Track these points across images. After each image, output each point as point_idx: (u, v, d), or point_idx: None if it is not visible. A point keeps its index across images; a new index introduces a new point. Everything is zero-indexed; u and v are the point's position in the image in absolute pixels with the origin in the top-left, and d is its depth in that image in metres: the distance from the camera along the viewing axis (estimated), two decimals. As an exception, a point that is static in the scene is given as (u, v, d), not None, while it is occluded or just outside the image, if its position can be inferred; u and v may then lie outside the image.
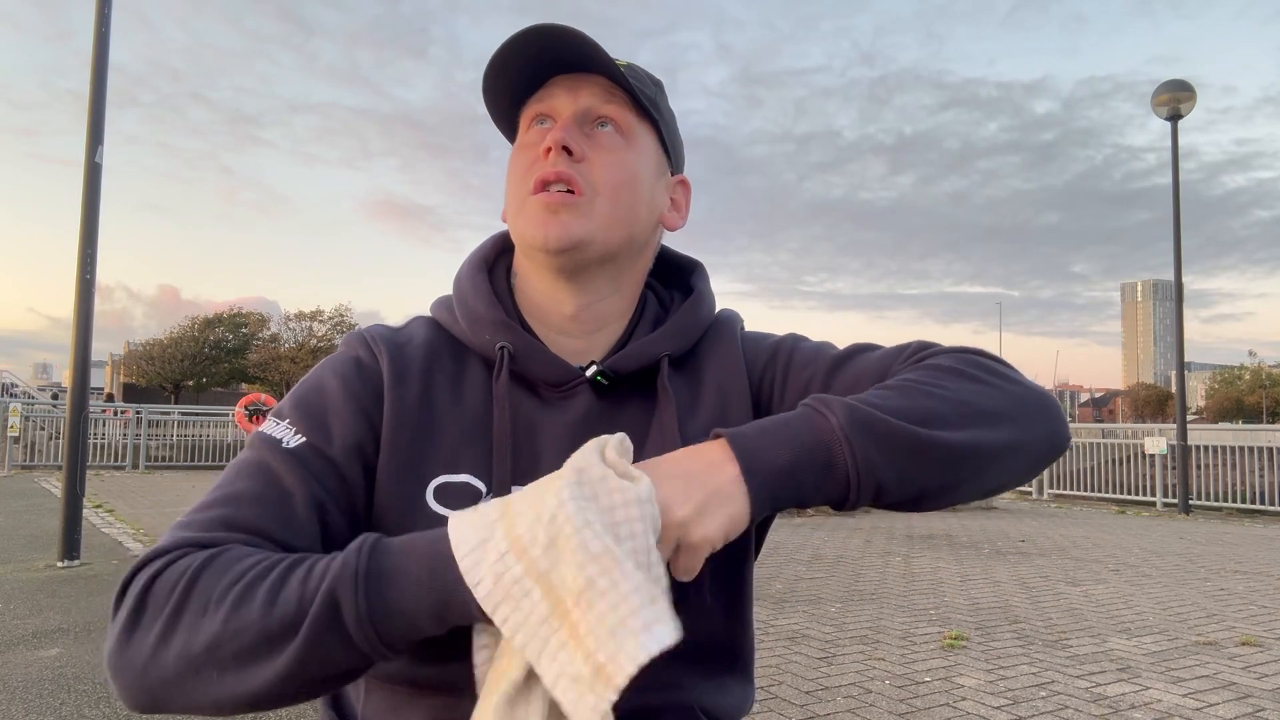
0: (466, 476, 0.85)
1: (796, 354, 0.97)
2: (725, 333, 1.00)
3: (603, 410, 0.91)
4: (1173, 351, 14.34)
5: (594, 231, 0.87)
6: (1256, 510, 11.64)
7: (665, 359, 0.93)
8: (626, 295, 0.96)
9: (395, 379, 0.88)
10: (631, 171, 0.89)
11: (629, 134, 0.90)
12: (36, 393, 30.13)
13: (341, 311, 53.61)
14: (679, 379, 0.95)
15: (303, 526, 0.78)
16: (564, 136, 0.86)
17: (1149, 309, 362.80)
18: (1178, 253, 12.30)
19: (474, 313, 0.92)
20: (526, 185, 0.88)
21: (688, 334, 0.96)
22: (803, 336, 1.02)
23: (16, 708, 3.43)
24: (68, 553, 6.34)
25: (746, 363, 0.97)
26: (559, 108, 0.89)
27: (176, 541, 0.73)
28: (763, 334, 1.03)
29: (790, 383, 0.94)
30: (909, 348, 0.90)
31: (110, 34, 6.68)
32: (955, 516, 10.54)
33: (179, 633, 0.66)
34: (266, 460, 0.81)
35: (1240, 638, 4.78)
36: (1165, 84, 12.28)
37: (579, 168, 0.87)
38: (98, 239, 6.58)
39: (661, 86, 0.96)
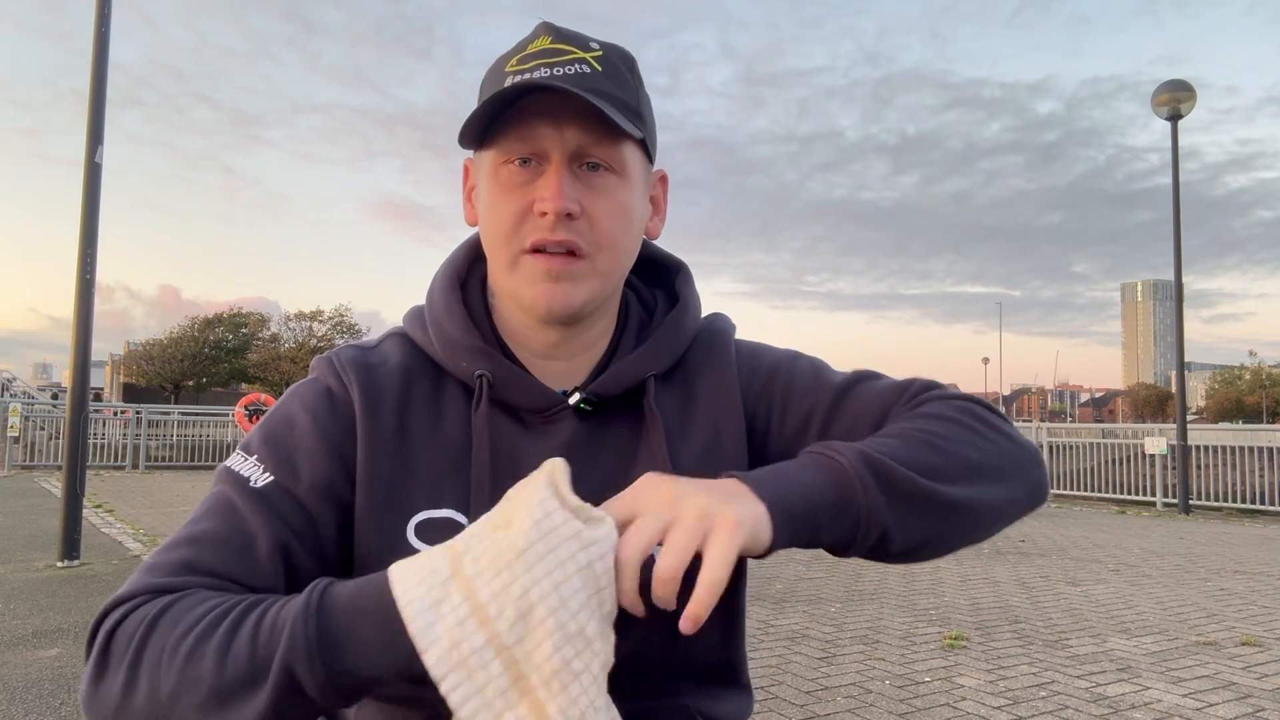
0: (449, 511, 0.82)
1: (796, 380, 0.93)
2: (718, 346, 0.95)
3: (588, 435, 0.87)
4: (1173, 351, 14.35)
5: (594, 291, 0.84)
6: (1256, 510, 11.64)
7: (651, 379, 0.89)
8: (609, 312, 0.93)
9: (368, 410, 0.84)
10: (628, 212, 0.85)
11: (620, 168, 0.84)
12: (36, 393, 30.12)
13: (341, 311, 53.64)
14: (667, 396, 0.91)
15: (266, 569, 0.77)
16: (564, 204, 0.79)
17: (1149, 309, 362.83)
18: (1178, 253, 12.30)
19: (449, 338, 0.88)
20: (520, 241, 0.82)
21: (673, 349, 0.92)
22: (798, 355, 0.98)
23: (16, 708, 3.43)
24: (68, 553, 6.34)
25: (741, 381, 0.93)
26: (545, 148, 0.81)
27: (139, 587, 0.73)
28: (757, 348, 0.98)
29: (790, 411, 0.92)
30: (910, 388, 0.89)
31: (110, 34, 6.67)
32: (955, 516, 10.54)
33: (141, 682, 0.67)
34: (233, 500, 0.79)
35: (1240, 638, 4.78)
36: (1165, 84, 12.27)
37: (577, 226, 0.81)
38: (98, 239, 6.58)
39: (635, 68, 0.87)
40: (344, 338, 53.07)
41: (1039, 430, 14.63)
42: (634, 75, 0.86)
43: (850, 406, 0.90)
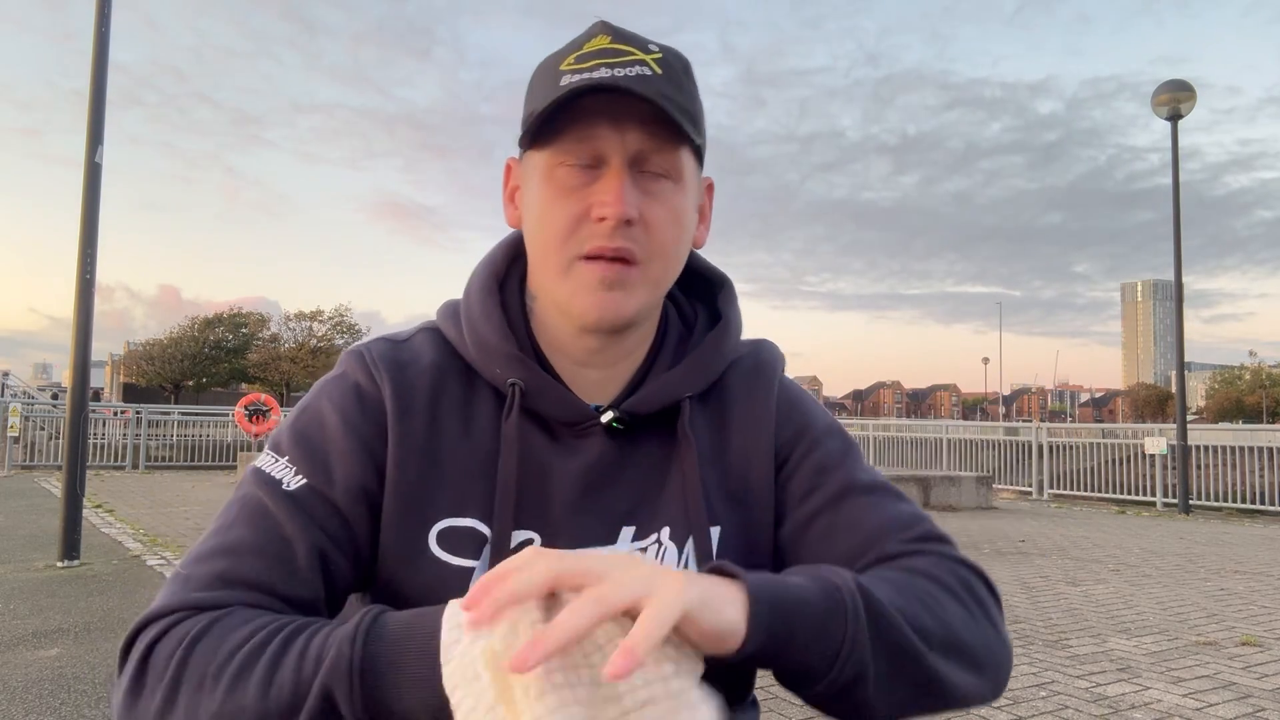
0: (471, 521, 0.80)
1: (822, 450, 0.90)
2: (763, 377, 0.93)
3: (617, 453, 0.85)
4: (1173, 351, 14.34)
5: (645, 300, 0.82)
6: (1256, 510, 11.64)
7: (687, 400, 0.87)
8: (651, 321, 0.90)
9: (400, 411, 0.82)
10: (682, 220, 0.82)
11: (677, 174, 0.81)
12: (36, 392, 30.14)
13: (341, 311, 53.68)
14: (700, 418, 0.89)
15: (305, 577, 0.75)
16: (626, 210, 0.76)
17: (1149, 309, 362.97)
18: (1178, 253, 12.30)
19: (485, 342, 0.85)
20: (576, 246, 0.79)
21: (711, 370, 0.90)
22: (838, 429, 0.94)
23: (16, 708, 3.43)
24: (68, 553, 6.34)
25: (777, 421, 0.90)
26: (606, 151, 0.78)
27: (176, 602, 0.72)
28: (801, 396, 0.95)
29: (800, 476, 0.89)
30: (917, 527, 0.86)
31: (110, 34, 6.68)
32: (955, 517, 10.54)
33: (179, 705, 0.66)
34: (266, 504, 0.77)
35: (1240, 638, 4.78)
36: (1165, 84, 12.27)
37: (633, 232, 0.79)
38: (98, 239, 6.58)
39: (690, 72, 0.83)
40: (344, 338, 53.10)
41: (1039, 430, 14.63)
42: (690, 79, 0.83)
43: (854, 507, 0.86)
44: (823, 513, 0.87)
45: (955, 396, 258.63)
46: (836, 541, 0.85)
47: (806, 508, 0.87)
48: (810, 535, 0.87)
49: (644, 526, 0.85)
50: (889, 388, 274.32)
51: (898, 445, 17.68)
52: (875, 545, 0.84)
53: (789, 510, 0.88)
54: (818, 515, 0.87)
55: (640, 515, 0.85)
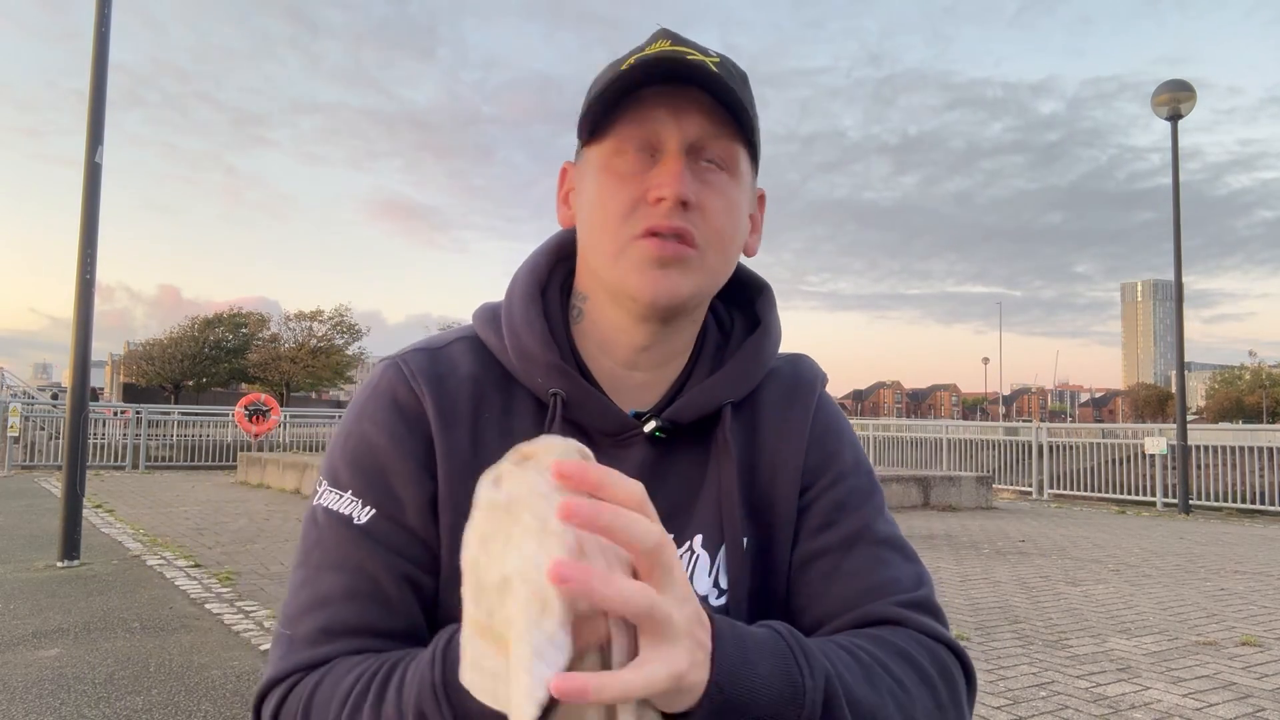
0: None
1: (844, 487, 0.89)
2: (801, 393, 0.91)
3: (657, 461, 0.85)
4: (1173, 351, 14.35)
5: (700, 285, 0.81)
6: (1256, 510, 11.64)
7: (728, 407, 0.86)
8: (697, 325, 0.90)
9: (444, 424, 0.81)
10: (739, 214, 0.82)
11: (734, 168, 0.81)
12: (36, 392, 30.14)
13: (341, 311, 53.65)
14: (735, 426, 0.88)
15: (399, 609, 0.77)
16: (684, 190, 0.76)
17: (1149, 309, 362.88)
18: (1178, 253, 12.30)
19: (527, 352, 0.84)
20: (632, 227, 0.78)
21: (751, 376, 0.89)
22: (867, 468, 0.92)
23: (16, 708, 3.43)
24: (68, 553, 6.34)
25: (809, 445, 0.89)
26: (664, 136, 0.78)
27: (290, 666, 0.76)
28: (838, 422, 0.93)
29: (820, 505, 0.88)
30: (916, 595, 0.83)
31: (110, 33, 6.68)
32: (955, 517, 10.54)
33: None
34: (344, 544, 0.78)
35: (1240, 638, 4.78)
36: (1165, 84, 12.27)
37: (691, 217, 0.78)
38: (98, 239, 6.58)
39: (748, 83, 0.84)
40: (344, 338, 53.10)
41: (1039, 430, 14.63)
42: (748, 88, 0.83)
43: (863, 556, 0.85)
44: (831, 552, 0.85)
45: (955, 396, 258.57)
46: (835, 585, 0.84)
47: (817, 543, 0.86)
48: (813, 572, 0.86)
49: (678, 534, 0.85)
50: (889, 388, 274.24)
51: (898, 445, 17.67)
52: (869, 601, 0.82)
53: (800, 540, 0.87)
54: (825, 553, 0.86)
55: (675, 522, 0.85)
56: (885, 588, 0.83)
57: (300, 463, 12.24)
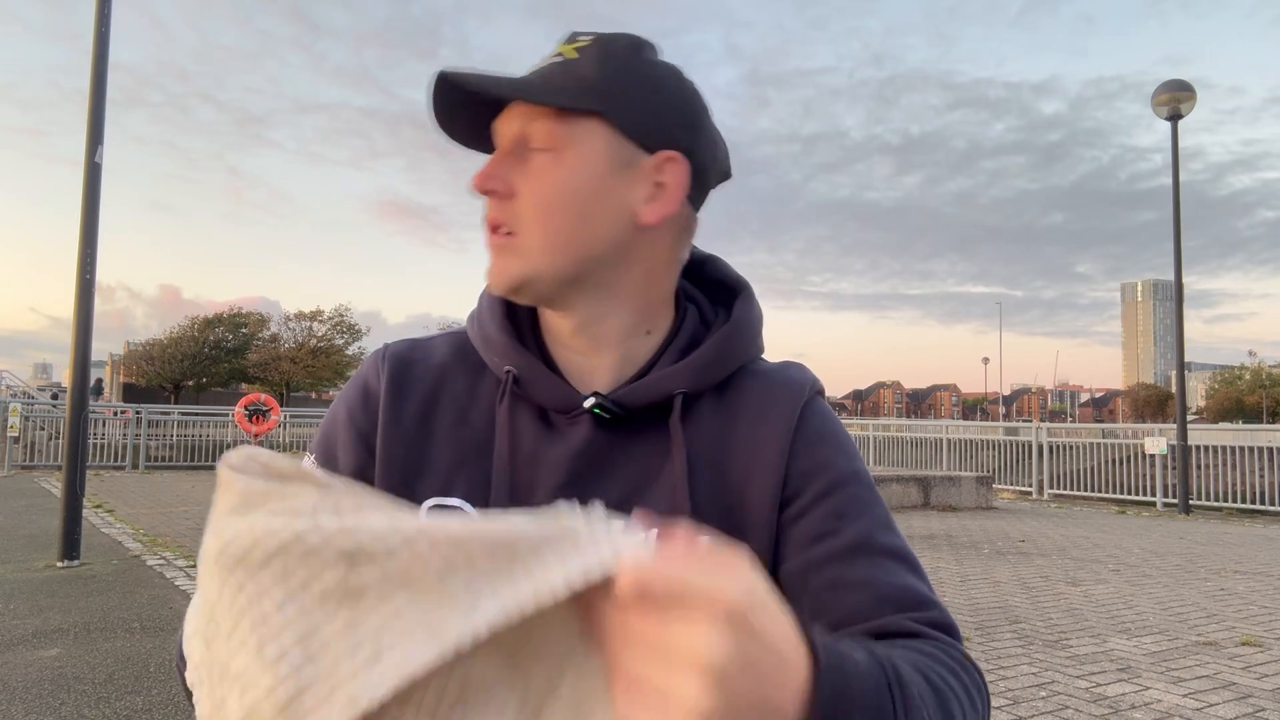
0: (459, 501, 0.84)
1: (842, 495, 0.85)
2: (781, 398, 0.89)
3: (606, 444, 0.85)
4: (1173, 351, 14.35)
5: (532, 267, 0.83)
6: (1256, 510, 11.64)
7: (680, 397, 0.85)
8: (632, 312, 0.88)
9: (391, 398, 0.88)
10: (562, 191, 0.82)
11: (562, 147, 0.82)
12: (36, 392, 30.14)
13: (341, 311, 53.68)
14: (707, 422, 0.87)
15: None
16: (482, 181, 0.83)
17: (1149, 309, 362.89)
18: (1178, 252, 12.30)
19: (486, 334, 0.90)
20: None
21: (711, 370, 0.88)
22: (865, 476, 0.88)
23: (16, 708, 3.43)
24: (68, 553, 6.34)
25: (794, 445, 0.86)
26: (499, 136, 0.86)
27: None
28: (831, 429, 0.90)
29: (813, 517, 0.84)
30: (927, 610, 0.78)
31: (110, 33, 6.68)
32: (955, 516, 10.54)
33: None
34: None
35: (1240, 638, 4.78)
36: (1165, 84, 12.28)
37: (509, 205, 0.83)
38: (98, 239, 6.58)
39: (630, 56, 0.85)
40: (344, 338, 53.13)
41: (1039, 430, 14.63)
42: (618, 55, 0.84)
43: (869, 565, 0.81)
44: (832, 562, 0.82)
45: (955, 396, 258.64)
46: (843, 595, 0.80)
47: (815, 552, 0.83)
48: (815, 583, 0.82)
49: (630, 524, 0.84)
50: (889, 387, 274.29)
51: (898, 445, 17.68)
52: (884, 613, 0.78)
53: (795, 550, 0.84)
54: (826, 563, 0.82)
55: (628, 511, 0.83)
56: (898, 601, 0.79)
57: (300, 463, 12.24)
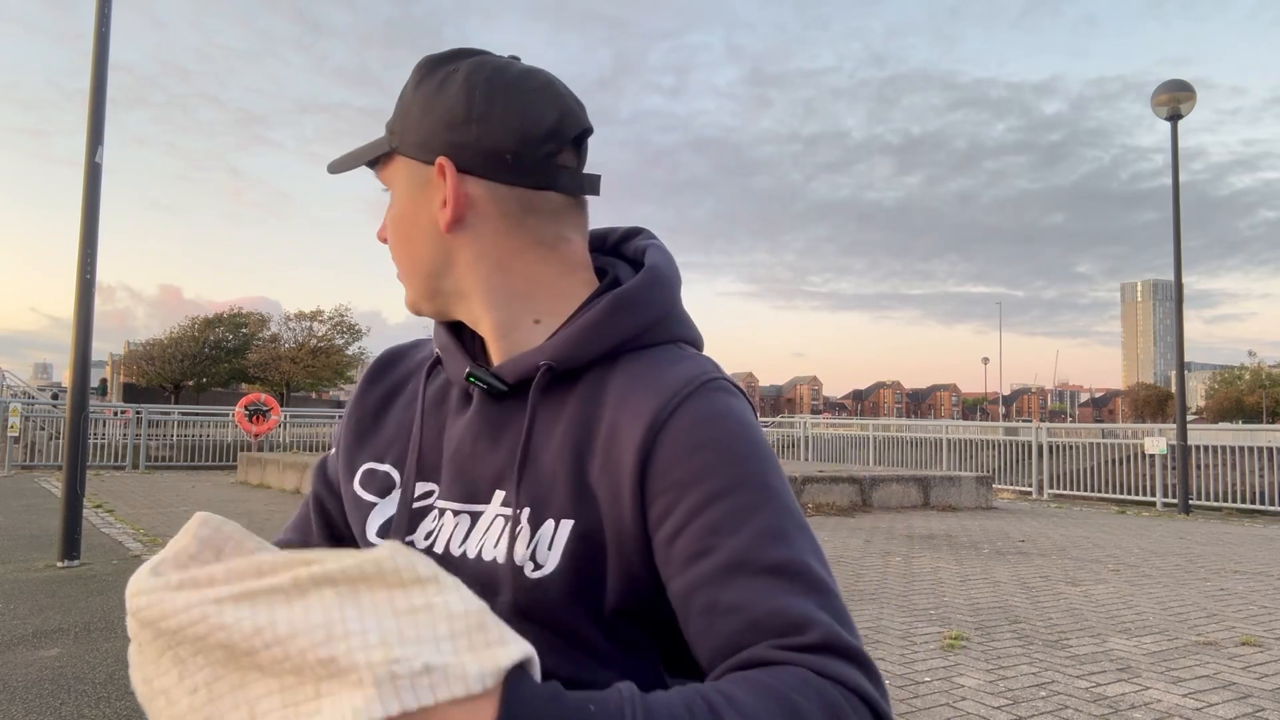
0: (387, 467, 0.94)
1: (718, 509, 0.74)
2: (653, 393, 0.80)
3: (496, 416, 0.88)
4: (1173, 351, 14.33)
5: (409, 295, 0.94)
6: (1256, 510, 11.64)
7: (542, 368, 0.83)
8: (497, 307, 0.88)
9: (365, 384, 1.02)
10: (396, 224, 0.92)
11: (392, 186, 0.92)
12: (36, 392, 30.13)
13: (341, 311, 53.66)
14: (580, 400, 0.84)
15: (309, 519, 1.01)
16: (380, 233, 0.96)
17: (1149, 309, 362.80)
18: (1177, 252, 12.30)
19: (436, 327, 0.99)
20: None
21: (580, 346, 0.83)
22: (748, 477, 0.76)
23: (16, 708, 3.43)
24: (68, 553, 6.35)
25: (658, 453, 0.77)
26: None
27: None
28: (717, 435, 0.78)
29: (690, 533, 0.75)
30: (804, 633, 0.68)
31: (111, 33, 6.68)
32: (955, 517, 10.54)
33: None
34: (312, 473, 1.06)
35: (1240, 638, 4.78)
36: (1165, 84, 12.27)
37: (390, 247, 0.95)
38: (98, 239, 6.58)
39: (416, 72, 0.88)
40: (344, 338, 53.11)
41: (1039, 430, 14.63)
42: (408, 87, 0.90)
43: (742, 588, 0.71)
44: (707, 585, 0.73)
45: (955, 396, 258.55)
46: (717, 623, 0.72)
47: (692, 574, 0.74)
48: (694, 607, 0.74)
49: (511, 495, 0.84)
50: (889, 387, 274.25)
51: (898, 445, 17.68)
52: (753, 641, 0.70)
53: (676, 571, 0.76)
54: (702, 586, 0.73)
55: (508, 483, 0.85)
56: (766, 624, 0.70)
57: (300, 463, 12.23)
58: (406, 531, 0.89)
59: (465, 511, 0.87)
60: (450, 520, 0.88)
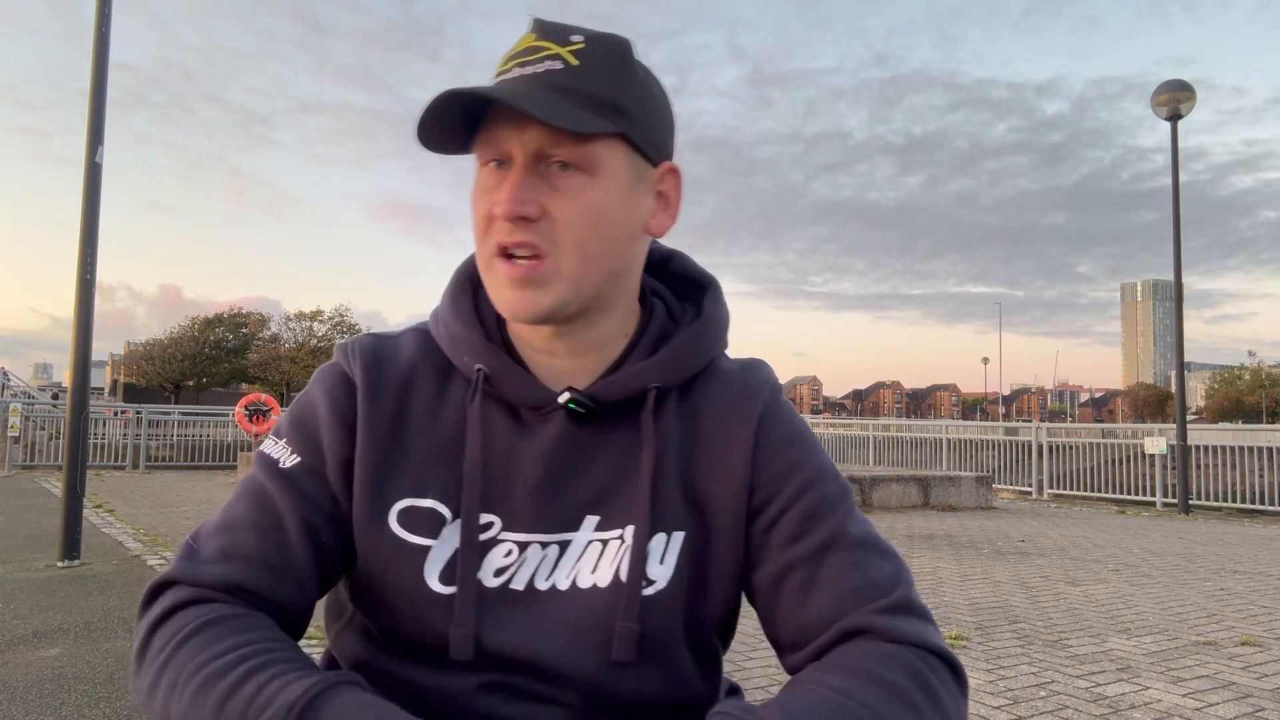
0: (432, 502, 0.84)
1: (813, 495, 0.87)
2: (747, 397, 0.90)
3: (581, 439, 0.85)
4: (1173, 351, 14.34)
5: (564, 295, 0.81)
6: (1256, 510, 11.64)
7: (654, 391, 0.86)
8: (616, 315, 0.89)
9: (369, 393, 0.87)
10: (597, 211, 0.80)
11: (591, 165, 0.80)
12: (36, 392, 30.12)
13: (341, 311, 53.68)
14: (675, 418, 0.88)
15: (294, 550, 0.83)
16: (514, 208, 0.78)
17: (1149, 309, 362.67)
18: (1177, 253, 12.30)
19: (453, 334, 0.89)
20: (489, 243, 0.81)
21: (683, 365, 0.88)
22: (828, 468, 0.90)
23: (16, 708, 3.43)
24: (68, 553, 6.34)
25: (758, 444, 0.88)
26: (508, 149, 0.80)
27: (184, 574, 0.82)
28: (797, 431, 0.90)
29: (788, 519, 0.86)
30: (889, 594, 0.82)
31: (111, 34, 6.67)
32: (955, 517, 10.54)
33: (160, 694, 0.75)
34: (263, 483, 0.85)
35: (1240, 638, 4.78)
36: (1164, 84, 12.26)
37: (538, 228, 0.79)
38: (98, 239, 6.58)
39: (627, 58, 0.82)
40: (344, 338, 53.05)
41: (1039, 430, 14.63)
42: (622, 65, 0.82)
43: (836, 563, 0.84)
44: (804, 563, 0.84)
45: (955, 396, 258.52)
46: (812, 597, 0.83)
47: (789, 555, 0.85)
48: (788, 585, 0.85)
49: (610, 518, 0.85)
50: (889, 387, 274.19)
51: (898, 445, 17.67)
52: (847, 611, 0.81)
53: (771, 554, 0.86)
54: (798, 565, 0.84)
55: (606, 506, 0.85)
56: (860, 594, 0.82)
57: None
58: (474, 570, 0.82)
59: (553, 542, 0.84)
60: (535, 553, 0.84)
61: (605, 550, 0.84)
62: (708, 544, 0.87)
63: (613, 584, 0.82)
